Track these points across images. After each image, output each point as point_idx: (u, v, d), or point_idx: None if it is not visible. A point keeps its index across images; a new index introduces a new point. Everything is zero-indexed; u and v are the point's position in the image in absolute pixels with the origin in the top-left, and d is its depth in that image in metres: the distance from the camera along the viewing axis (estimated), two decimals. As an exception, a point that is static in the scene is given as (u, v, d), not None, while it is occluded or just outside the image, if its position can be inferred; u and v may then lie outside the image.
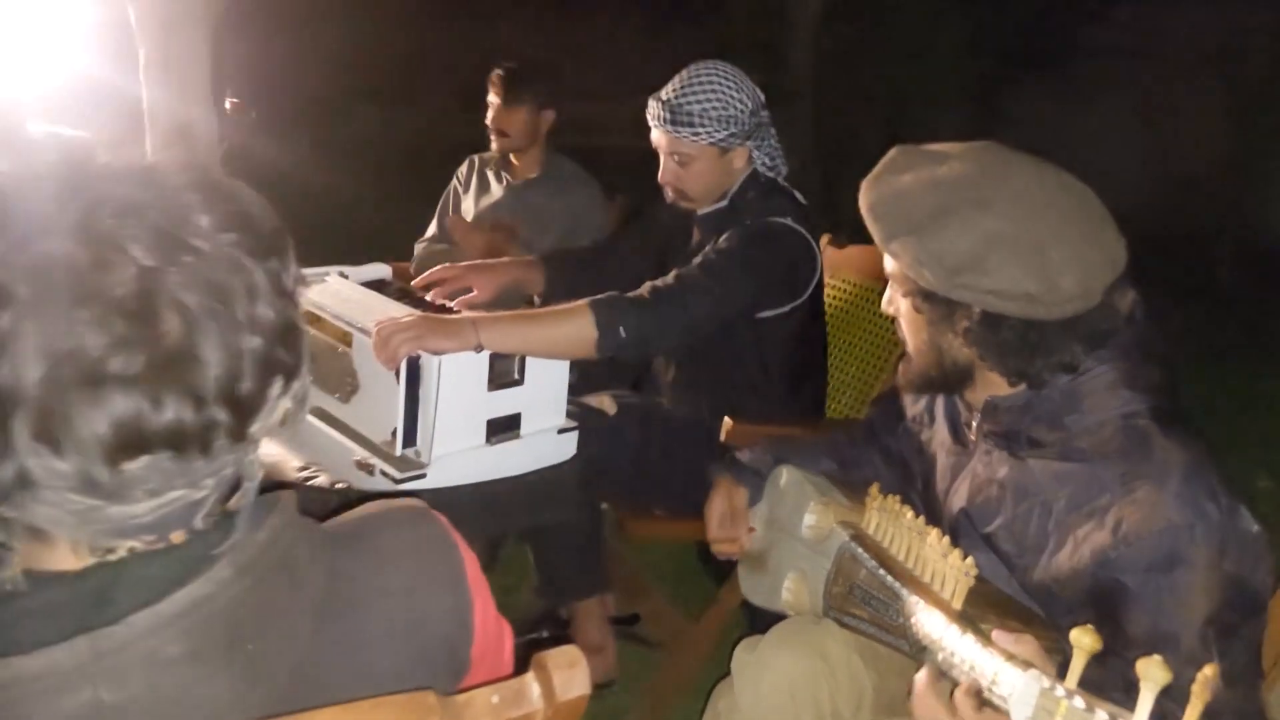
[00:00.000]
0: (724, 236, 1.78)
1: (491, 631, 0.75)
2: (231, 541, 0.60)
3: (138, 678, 0.54)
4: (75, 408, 0.53)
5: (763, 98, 1.85)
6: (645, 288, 1.66)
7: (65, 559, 0.58)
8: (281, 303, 0.60)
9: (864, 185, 1.14)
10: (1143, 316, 1.09)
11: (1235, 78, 5.66)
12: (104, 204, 0.56)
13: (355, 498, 1.34)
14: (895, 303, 1.17)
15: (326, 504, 1.33)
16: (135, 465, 0.55)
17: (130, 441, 0.54)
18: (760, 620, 1.40)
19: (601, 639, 1.96)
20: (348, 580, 0.65)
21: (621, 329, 1.57)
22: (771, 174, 1.87)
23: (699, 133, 1.77)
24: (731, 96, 1.78)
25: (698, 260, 1.74)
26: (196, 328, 0.55)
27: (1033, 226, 1.02)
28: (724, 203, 1.85)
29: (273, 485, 0.86)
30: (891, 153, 1.15)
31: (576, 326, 1.55)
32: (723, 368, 1.89)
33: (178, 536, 0.60)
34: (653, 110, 1.82)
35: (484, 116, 2.60)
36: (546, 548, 1.88)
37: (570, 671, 0.65)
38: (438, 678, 0.67)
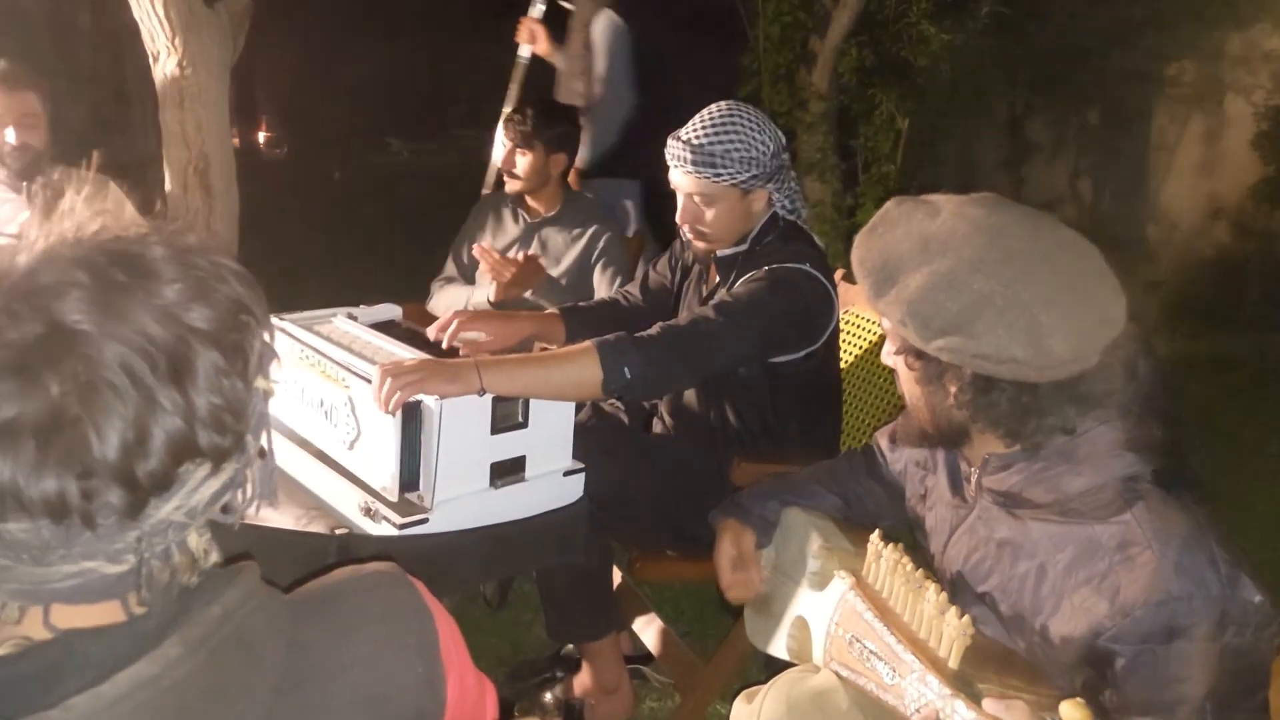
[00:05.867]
0: (741, 281, 1.76)
1: (470, 699, 0.74)
2: (183, 617, 0.59)
3: None
4: None
5: (783, 140, 1.84)
6: (655, 328, 1.64)
7: (26, 629, 0.57)
8: (227, 385, 0.59)
9: (858, 238, 1.12)
10: (1147, 372, 1.06)
11: (1265, 104, 5.57)
12: (57, 262, 0.56)
13: (355, 543, 1.36)
14: (891, 357, 1.14)
15: (325, 550, 1.35)
16: (14, 527, 0.54)
17: (4, 498, 0.53)
18: (775, 662, 1.38)
19: (616, 679, 1.94)
20: (309, 652, 0.64)
21: (627, 370, 1.55)
22: (791, 216, 1.85)
23: (721, 174, 1.75)
24: (754, 138, 1.77)
25: (713, 303, 1.72)
26: (94, 398, 0.54)
27: (1023, 288, 0.99)
28: (743, 246, 1.83)
29: (266, 533, 0.84)
30: (887, 205, 1.13)
31: (581, 367, 1.54)
32: (735, 410, 1.87)
33: (119, 613, 0.59)
34: (673, 150, 1.80)
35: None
36: (554, 589, 1.86)
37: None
38: (405, 750, 0.66)
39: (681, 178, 1.81)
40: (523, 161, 2.54)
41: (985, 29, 5.94)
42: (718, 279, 1.89)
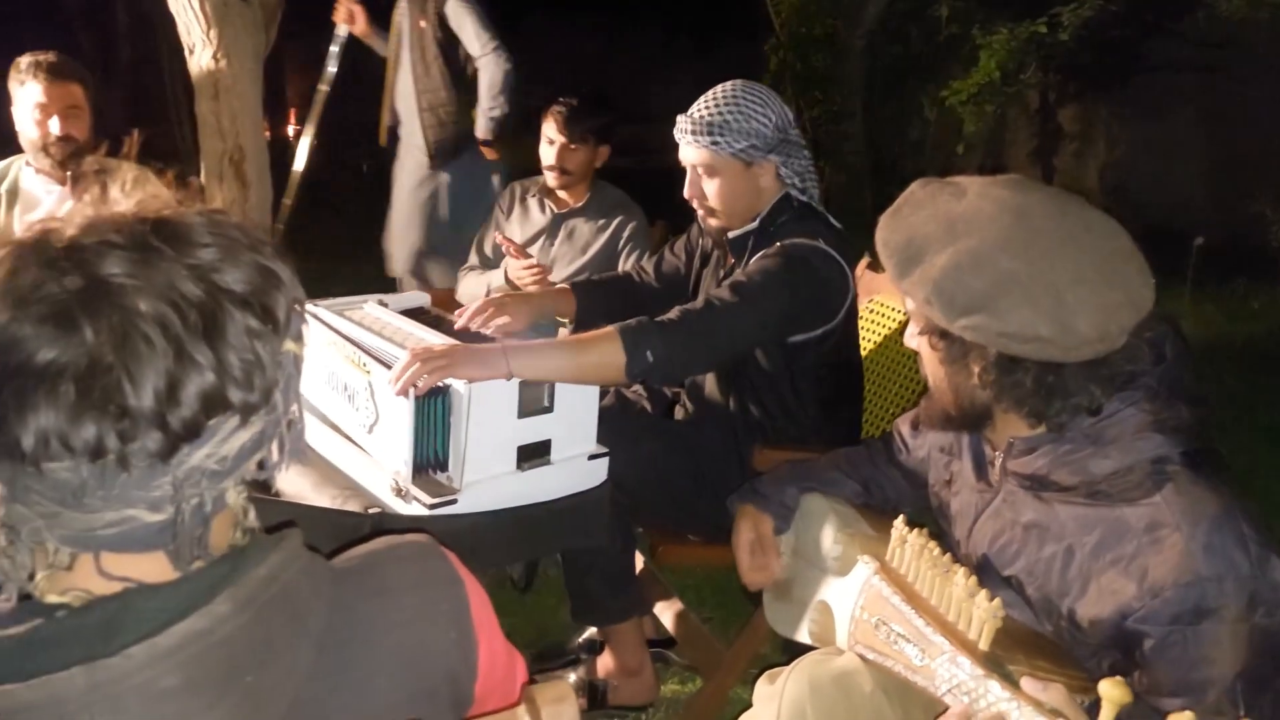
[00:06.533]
0: (755, 259, 1.78)
1: (500, 667, 0.76)
2: (232, 576, 0.62)
3: (134, 708, 0.57)
4: (7, 397, 0.57)
5: (790, 116, 1.85)
6: (674, 311, 1.66)
7: (80, 579, 0.61)
8: (257, 344, 0.62)
9: (881, 219, 1.12)
10: (1175, 353, 1.05)
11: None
12: (99, 228, 0.60)
13: (387, 522, 1.39)
14: (915, 338, 1.15)
15: (359, 528, 1.38)
16: (56, 466, 0.58)
17: (49, 440, 0.57)
18: (795, 646, 1.39)
19: (638, 662, 1.97)
20: (350, 614, 0.67)
21: (649, 353, 1.58)
22: (803, 196, 1.86)
23: (718, 142, 1.77)
24: (754, 110, 1.79)
25: (728, 283, 1.73)
26: (128, 347, 0.57)
27: (1049, 267, 0.99)
28: (754, 225, 1.85)
29: (304, 510, 0.87)
30: (912, 186, 1.13)
31: (605, 352, 1.56)
32: (755, 393, 1.88)
33: (165, 563, 0.62)
34: (678, 126, 1.84)
35: (537, 145, 2.60)
36: (579, 571, 1.89)
37: (559, 706, 0.66)
38: (439, 712, 0.69)
39: (684, 150, 1.84)
40: (575, 156, 2.55)
41: (1016, 16, 5.88)
42: (731, 259, 1.90)
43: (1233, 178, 6.04)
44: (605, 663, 1.98)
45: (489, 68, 3.14)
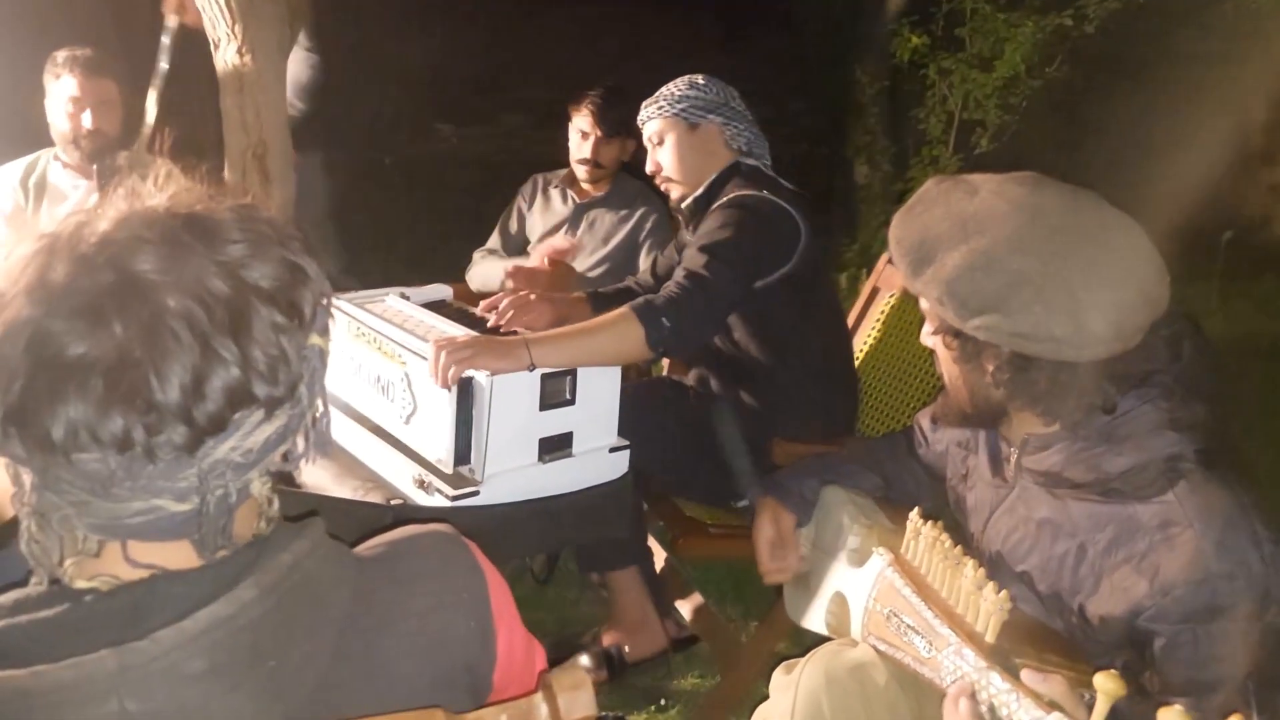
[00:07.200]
0: (705, 220, 1.88)
1: (518, 657, 0.77)
2: (257, 563, 0.63)
3: (161, 690, 0.58)
4: (39, 390, 0.58)
5: (735, 93, 1.98)
6: (669, 284, 1.74)
7: (108, 565, 0.63)
8: (283, 339, 0.63)
9: (895, 218, 1.13)
10: (1192, 352, 1.05)
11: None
12: (130, 223, 0.62)
13: (409, 513, 1.41)
14: (929, 337, 1.15)
15: (381, 520, 1.40)
16: (86, 458, 0.59)
17: (78, 431, 0.58)
18: (812, 638, 1.40)
19: (642, 613, 2.00)
20: (372, 602, 0.68)
21: (664, 320, 1.65)
22: (751, 160, 1.94)
23: (662, 107, 1.94)
24: (694, 83, 1.95)
25: (691, 247, 1.82)
26: (156, 343, 0.59)
27: (1062, 266, 0.99)
28: (702, 190, 1.94)
29: (326, 501, 0.88)
30: (926, 184, 1.14)
31: (624, 328, 1.63)
32: (740, 362, 1.94)
33: (191, 551, 0.64)
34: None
35: (562, 139, 2.61)
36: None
37: (575, 693, 0.67)
38: (457, 699, 0.70)
39: (642, 130, 1.99)
40: (609, 150, 2.56)
41: (1042, 9, 5.80)
42: (692, 227, 1.98)
43: (1263, 172, 5.95)
44: (612, 631, 2.01)
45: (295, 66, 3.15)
